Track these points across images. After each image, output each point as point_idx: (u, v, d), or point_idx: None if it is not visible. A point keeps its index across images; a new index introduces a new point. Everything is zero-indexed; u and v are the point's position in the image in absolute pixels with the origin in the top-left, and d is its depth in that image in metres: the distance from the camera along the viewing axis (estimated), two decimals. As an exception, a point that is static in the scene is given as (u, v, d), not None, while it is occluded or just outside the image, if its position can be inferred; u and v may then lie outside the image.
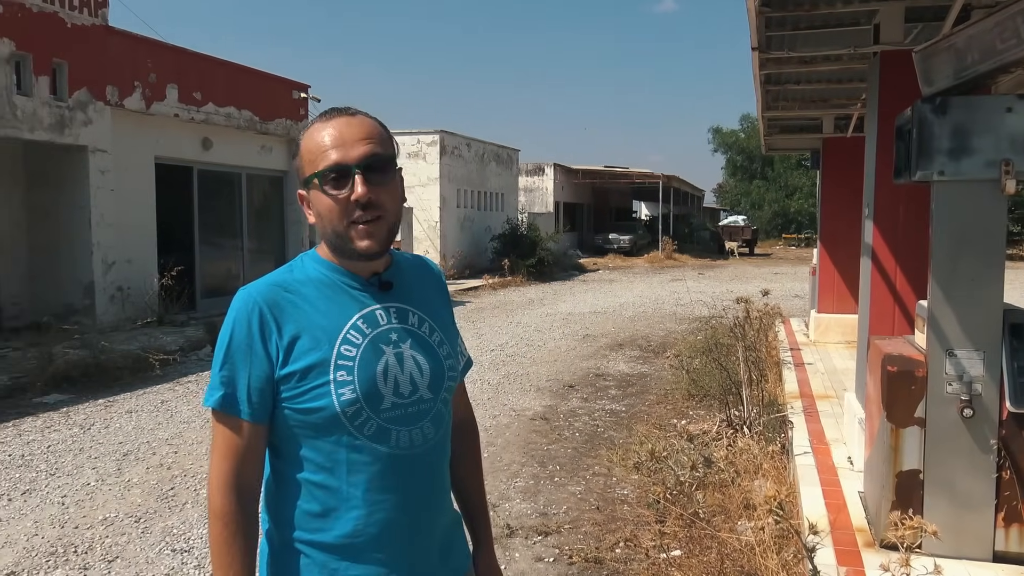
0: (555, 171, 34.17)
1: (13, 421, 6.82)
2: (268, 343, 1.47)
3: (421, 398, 1.54)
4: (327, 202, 1.49)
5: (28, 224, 11.14)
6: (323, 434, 1.48)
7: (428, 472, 1.57)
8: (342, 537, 1.49)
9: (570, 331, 12.72)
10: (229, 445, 1.47)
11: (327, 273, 1.55)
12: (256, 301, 1.49)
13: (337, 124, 1.51)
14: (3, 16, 9.48)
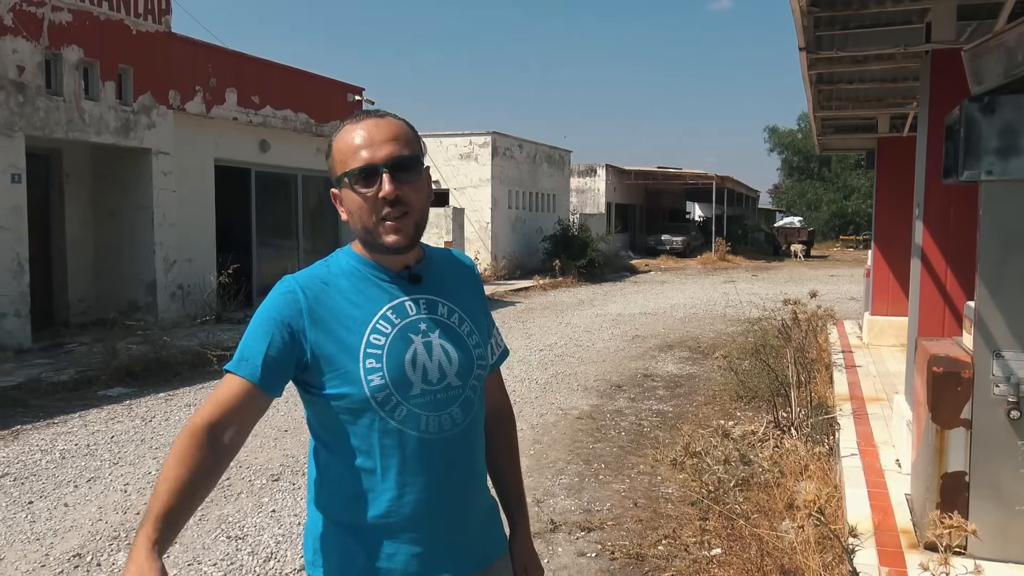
0: (607, 172, 34.07)
1: (79, 412, 7.11)
2: (298, 325, 1.55)
3: (450, 385, 1.62)
4: (357, 200, 1.57)
5: (95, 224, 11.57)
6: (357, 418, 1.56)
7: (458, 455, 1.64)
8: (377, 517, 1.57)
9: (619, 332, 12.72)
10: (221, 397, 1.52)
11: (359, 267, 1.64)
12: (294, 287, 1.58)
13: (366, 125, 1.59)
14: (72, 24, 9.87)
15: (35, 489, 5.18)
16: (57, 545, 4.32)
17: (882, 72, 6.76)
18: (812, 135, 10.81)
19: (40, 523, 4.62)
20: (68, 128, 9.93)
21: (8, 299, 9.19)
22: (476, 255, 22.11)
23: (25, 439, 6.30)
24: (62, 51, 9.76)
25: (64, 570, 4.03)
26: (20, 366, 8.44)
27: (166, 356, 8.66)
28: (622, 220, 37.18)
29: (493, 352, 1.80)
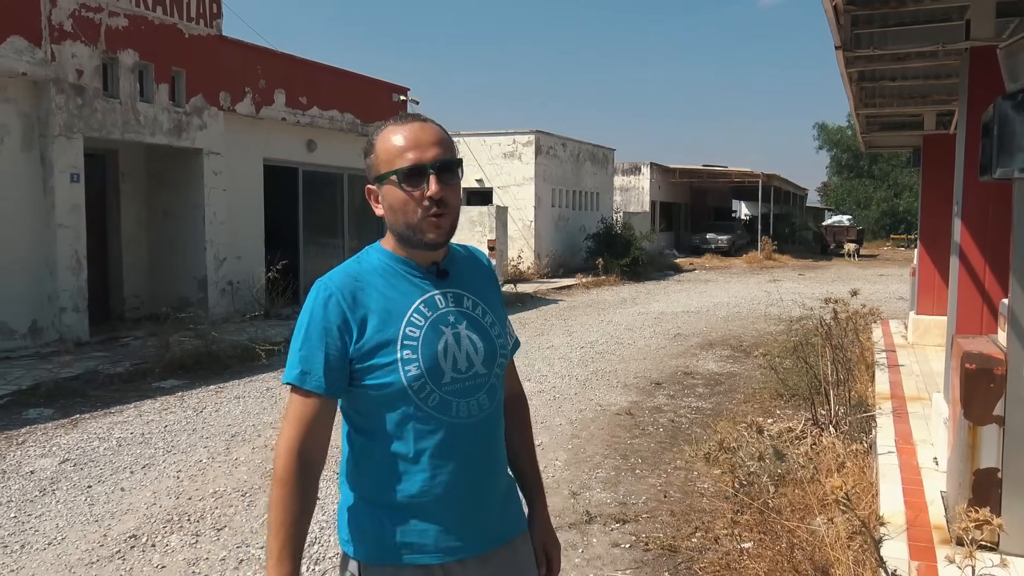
0: (651, 170, 33.94)
1: (134, 403, 7.39)
2: (343, 326, 1.65)
3: (476, 373, 1.73)
4: (403, 197, 1.67)
5: (149, 222, 11.94)
6: (394, 406, 1.67)
7: (485, 438, 1.76)
8: (410, 497, 1.68)
9: (661, 330, 12.73)
10: (301, 415, 1.65)
11: (391, 263, 1.74)
12: (332, 290, 1.68)
13: (412, 128, 1.71)
14: (128, 29, 10.21)
15: (93, 474, 5.43)
16: (114, 527, 4.54)
17: (925, 69, 6.71)
18: (856, 133, 10.68)
19: (98, 506, 4.85)
20: (124, 129, 10.27)
21: (67, 294, 9.55)
22: (519, 253, 22.24)
23: (84, 427, 6.58)
24: (118, 55, 10.11)
25: (121, 550, 4.24)
26: (79, 358, 8.79)
27: (216, 350, 8.93)
28: (667, 219, 36.99)
29: (509, 340, 1.90)
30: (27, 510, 4.77)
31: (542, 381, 8.63)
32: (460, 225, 9.72)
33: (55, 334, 9.45)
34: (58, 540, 4.36)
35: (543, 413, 7.22)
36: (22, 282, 9.24)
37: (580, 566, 4.12)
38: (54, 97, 9.37)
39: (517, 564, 1.85)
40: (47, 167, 9.40)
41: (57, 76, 9.38)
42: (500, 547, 1.80)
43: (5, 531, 4.46)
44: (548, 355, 10.27)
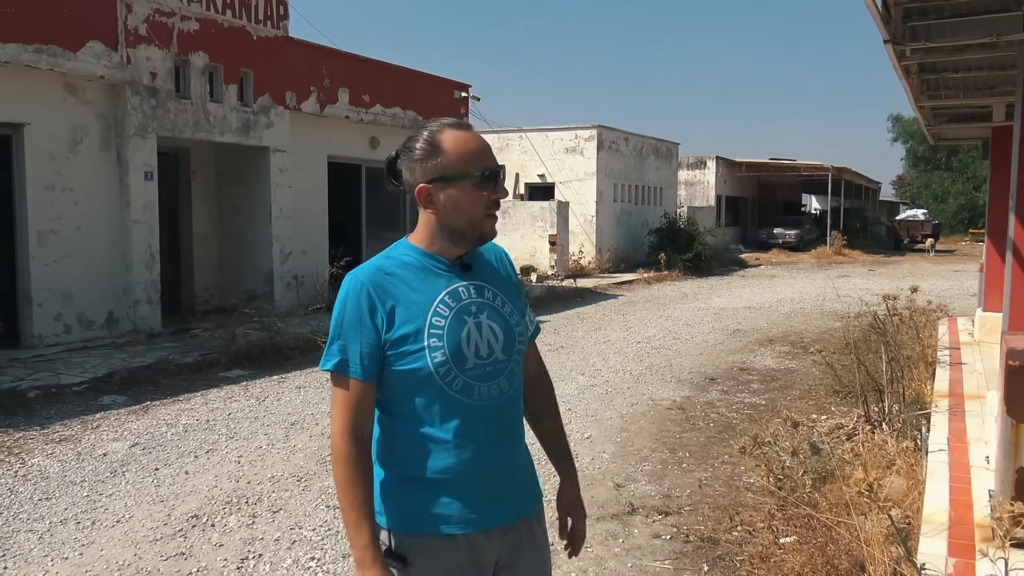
0: (717, 164, 33.50)
1: (201, 392, 7.71)
2: (375, 316, 1.80)
3: (497, 359, 1.87)
4: (475, 197, 1.84)
5: (219, 218, 12.38)
6: (421, 390, 1.82)
7: (504, 419, 1.91)
8: (436, 472, 1.83)
9: (720, 326, 12.63)
10: (346, 401, 1.82)
11: (419, 258, 1.88)
12: (363, 283, 1.82)
13: (476, 136, 1.87)
14: (199, 32, 10.60)
15: (161, 458, 5.72)
16: (178, 507, 4.79)
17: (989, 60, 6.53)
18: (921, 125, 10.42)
19: (164, 487, 5.12)
20: (195, 129, 10.68)
21: (141, 287, 10.00)
22: (580, 248, 22.24)
23: (154, 414, 6.91)
24: (190, 57, 10.51)
25: (183, 528, 4.48)
26: (151, 348, 9.20)
27: (280, 341, 9.24)
28: (733, 213, 36.46)
29: (529, 326, 2.06)
30: (99, 490, 5.07)
31: (595, 375, 8.69)
32: (521, 220, 10.10)
33: (130, 325, 9.90)
34: (126, 518, 4.63)
35: (594, 407, 7.29)
36: (100, 275, 9.71)
37: (619, 555, 4.19)
38: (129, 99, 9.80)
39: (534, 539, 2.00)
40: (123, 166, 9.85)
41: (132, 79, 9.81)
42: (519, 522, 1.95)
43: (78, 509, 4.75)
44: (604, 350, 10.31)
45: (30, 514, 4.66)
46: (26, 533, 4.40)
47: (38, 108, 9.03)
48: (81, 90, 9.50)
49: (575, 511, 2.15)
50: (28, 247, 8.99)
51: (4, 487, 5.08)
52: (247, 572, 3.96)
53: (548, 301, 15.28)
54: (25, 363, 8.30)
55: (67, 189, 9.32)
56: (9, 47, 8.53)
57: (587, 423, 6.74)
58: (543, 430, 2.15)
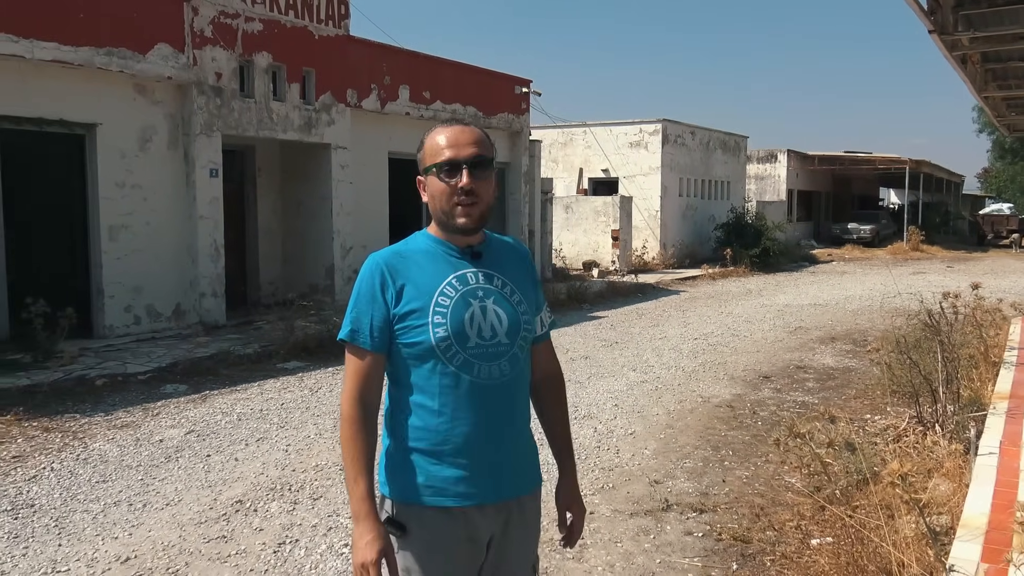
0: (789, 157, 32.75)
1: (258, 381, 7.96)
2: (386, 293, 1.98)
3: (500, 342, 2.01)
4: (440, 187, 1.99)
5: (283, 213, 12.71)
6: (423, 362, 1.97)
7: (504, 400, 2.03)
8: (434, 444, 1.98)
9: (782, 323, 12.39)
10: (356, 368, 2.00)
11: (433, 245, 2.06)
12: (379, 263, 2.02)
13: (453, 130, 2.02)
14: (262, 33, 10.90)
15: (213, 445, 5.93)
16: (224, 492, 4.97)
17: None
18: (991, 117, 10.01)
19: (214, 473, 5.31)
20: (259, 127, 10.98)
21: (206, 281, 10.35)
22: (644, 243, 22.06)
23: (211, 402, 7.16)
24: (253, 57, 10.81)
25: (227, 513, 4.65)
26: (214, 340, 9.52)
27: (335, 334, 9.43)
28: (805, 208, 35.61)
29: (543, 323, 2.20)
30: (152, 474, 5.29)
31: (647, 372, 8.64)
32: (583, 215, 10.11)
33: (195, 317, 10.27)
34: (175, 501, 4.83)
35: (642, 403, 7.26)
36: (168, 269, 10.09)
37: (649, 551, 4.19)
38: (196, 98, 10.14)
39: (524, 518, 2.12)
40: (189, 163, 10.21)
41: (199, 79, 10.15)
42: (513, 500, 2.07)
43: (132, 491, 4.97)
44: (659, 346, 10.23)
45: (87, 495, 4.90)
46: (81, 513, 4.63)
47: (110, 109, 9.43)
48: (150, 91, 9.87)
49: (574, 506, 2.25)
50: (100, 242, 9.41)
51: (66, 469, 5.35)
52: (283, 556, 4.09)
53: (607, 296, 15.22)
54: (96, 352, 8.69)
55: (137, 186, 9.71)
56: (82, 50, 8.93)
57: (632, 419, 6.72)
58: (550, 426, 2.27)
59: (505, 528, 2.06)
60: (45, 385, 7.29)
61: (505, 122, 15.88)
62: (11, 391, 7.05)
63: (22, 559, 4.04)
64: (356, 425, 1.97)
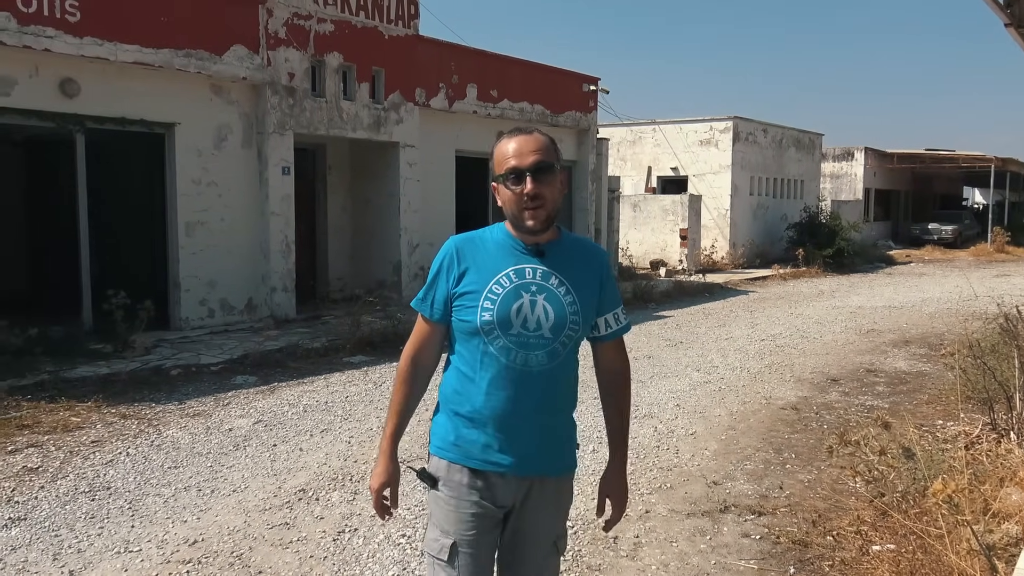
0: (866, 156, 31.86)
1: (324, 375, 8.14)
2: (451, 273, 2.27)
3: (543, 335, 2.22)
4: (508, 194, 2.24)
5: (352, 211, 12.96)
6: (471, 338, 2.24)
7: (537, 386, 2.24)
8: (470, 411, 2.25)
9: (854, 325, 12.09)
10: (418, 332, 2.36)
11: (505, 238, 2.30)
12: (452, 246, 2.30)
13: (517, 140, 2.24)
14: (334, 33, 11.13)
15: (279, 435, 6.10)
16: (288, 481, 5.11)
17: None
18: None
19: (279, 462, 5.47)
20: (329, 126, 11.22)
21: (277, 276, 10.63)
22: (713, 243, 21.76)
23: (279, 394, 7.37)
24: (325, 58, 11.05)
25: (290, 501, 4.78)
26: (284, 333, 9.78)
27: (400, 330, 9.58)
28: (883, 207, 34.60)
29: (609, 324, 2.37)
30: (221, 461, 5.47)
31: (711, 372, 8.54)
32: (652, 213, 10.11)
33: (267, 311, 10.55)
34: (241, 488, 4.99)
35: (704, 403, 7.18)
36: (241, 264, 10.40)
37: (704, 552, 4.15)
38: (269, 98, 10.42)
39: (545, 498, 2.31)
40: (262, 161, 10.50)
41: (272, 79, 10.43)
42: (536, 477, 2.28)
43: (201, 478, 5.15)
44: (724, 347, 10.10)
45: (159, 480, 5.10)
46: (154, 497, 4.82)
47: (188, 108, 9.77)
48: (226, 91, 10.19)
49: (614, 495, 2.44)
50: (177, 237, 9.75)
51: (140, 455, 5.57)
52: (342, 544, 4.20)
53: (674, 296, 15.07)
54: (172, 343, 9.02)
55: (212, 183, 10.03)
56: (163, 52, 9.27)
57: (694, 419, 6.66)
58: (608, 418, 2.45)
59: (524, 502, 2.28)
60: (123, 374, 7.60)
61: (572, 120, 15.86)
62: (92, 379, 7.38)
63: (97, 538, 4.23)
64: (403, 376, 2.33)
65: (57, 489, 4.90)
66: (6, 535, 4.24)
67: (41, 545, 4.13)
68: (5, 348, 7.57)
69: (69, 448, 5.67)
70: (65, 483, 5.01)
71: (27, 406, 6.52)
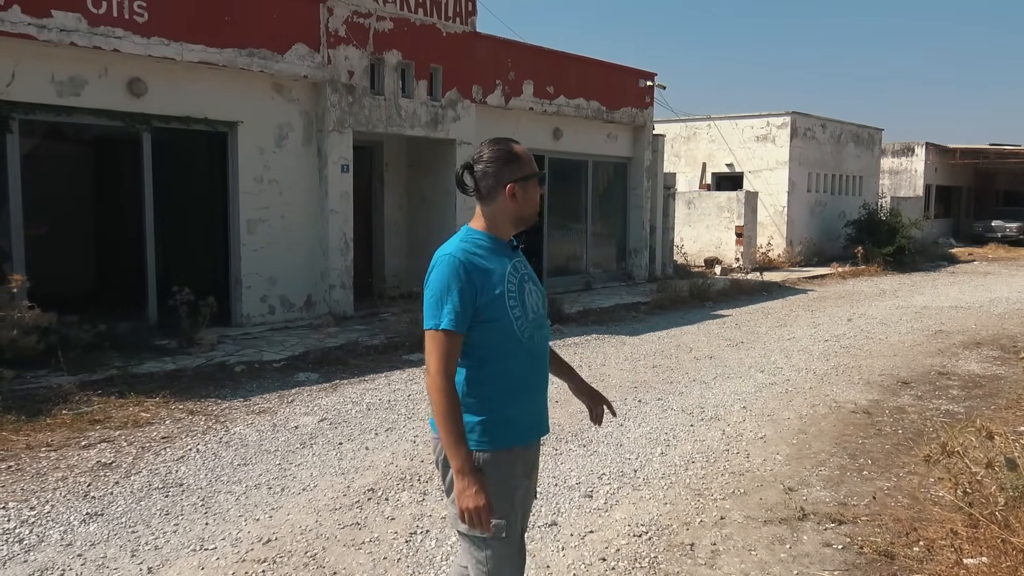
0: (927, 151, 31.01)
1: (385, 372, 8.15)
2: (472, 287, 2.42)
3: (540, 314, 2.60)
4: (531, 193, 2.57)
5: (408, 208, 12.99)
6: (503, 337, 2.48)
7: (545, 358, 2.67)
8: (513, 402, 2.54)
9: (920, 326, 11.75)
10: (449, 350, 2.42)
11: (489, 242, 2.53)
12: (461, 261, 2.43)
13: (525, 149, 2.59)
14: (393, 31, 11.14)
15: (345, 433, 6.11)
16: (357, 480, 5.11)
17: None
18: None
19: (346, 461, 5.47)
20: (387, 123, 11.25)
21: (336, 273, 10.69)
22: (769, 240, 21.39)
23: (341, 392, 7.39)
24: (384, 55, 11.07)
25: (360, 500, 4.77)
26: (343, 331, 9.82)
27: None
28: (944, 204, 33.67)
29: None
30: (289, 459, 5.50)
31: (776, 373, 8.35)
32: (706, 210, 10.05)
33: (325, 308, 10.62)
34: (311, 487, 4.99)
35: (771, 406, 7.02)
36: (300, 261, 10.48)
37: (785, 561, 4.03)
38: (329, 96, 10.48)
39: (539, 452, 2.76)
40: (322, 159, 10.56)
41: (332, 77, 10.48)
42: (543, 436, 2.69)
43: (271, 475, 5.18)
44: (787, 347, 9.88)
45: (230, 477, 5.13)
46: (225, 494, 4.85)
47: (250, 107, 9.86)
48: (287, 89, 10.27)
49: (591, 395, 2.90)
50: (239, 234, 9.86)
51: (210, 451, 5.62)
52: (415, 546, 4.17)
53: (731, 295, 14.82)
54: (234, 340, 9.12)
55: (273, 181, 10.12)
56: (227, 52, 9.37)
57: (762, 423, 6.50)
58: (557, 363, 2.89)
59: (536, 459, 2.69)
60: (189, 370, 7.70)
61: (628, 116, 15.69)
62: (159, 374, 7.49)
63: (173, 535, 4.27)
64: (454, 398, 2.37)
65: (131, 485, 4.96)
66: (85, 530, 4.30)
67: (119, 541, 4.18)
68: (75, 343, 7.71)
69: (140, 444, 5.75)
70: (139, 479, 5.07)
71: (98, 401, 6.64)
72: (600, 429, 6.21)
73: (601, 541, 4.25)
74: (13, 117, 8.10)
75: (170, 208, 9.67)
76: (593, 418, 2.91)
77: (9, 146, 8.13)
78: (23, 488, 4.86)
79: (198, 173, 10.36)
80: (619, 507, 4.72)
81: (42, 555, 4.00)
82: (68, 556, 3.99)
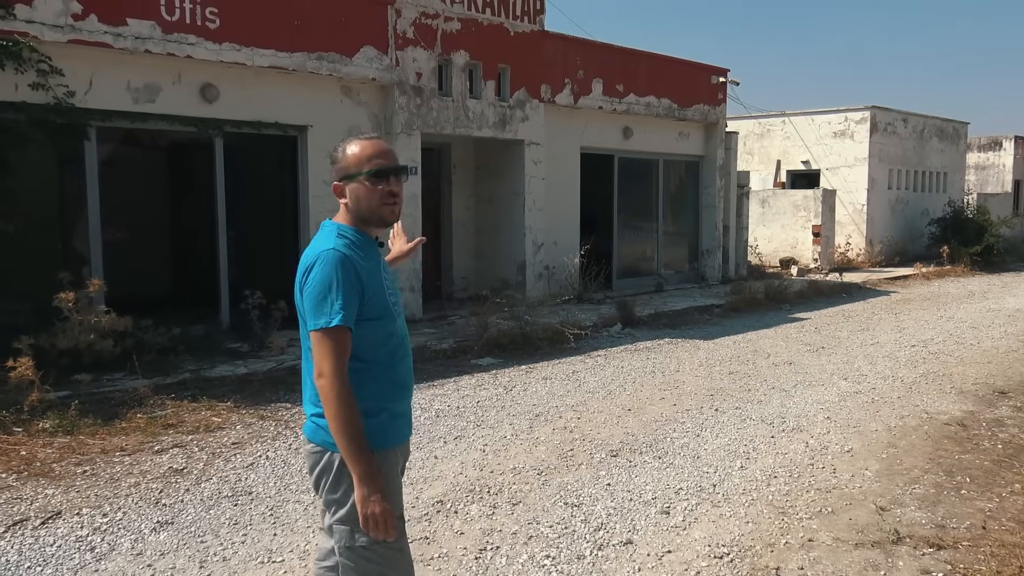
0: (1016, 145, 29.60)
1: (454, 378, 8.04)
2: (358, 282, 2.40)
3: (401, 304, 2.62)
4: (366, 190, 2.46)
5: (476, 209, 12.90)
6: (383, 332, 2.48)
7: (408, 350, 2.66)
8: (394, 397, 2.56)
9: (1015, 330, 11.12)
10: (343, 348, 2.35)
11: (361, 238, 2.51)
12: (346, 256, 2.39)
13: (376, 143, 2.51)
14: (460, 32, 11.05)
15: (413, 441, 5.94)
16: (425, 491, 4.99)
17: None
18: None
19: (414, 470, 5.35)
20: (455, 125, 11.16)
21: (405, 275, 10.64)
22: (847, 240, 20.68)
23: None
24: (451, 56, 10.99)
25: (428, 512, 4.65)
26: (412, 334, 9.72)
27: (529, 331, 9.41)
28: (1033, 200, 32.09)
29: None
30: (357, 468, 5.40)
31: (860, 381, 7.96)
32: (781, 209, 9.74)
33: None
34: (378, 497, 4.88)
35: (857, 417, 6.67)
36: (369, 264, 10.45)
37: (880, 590, 3.75)
38: (397, 98, 10.44)
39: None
40: (391, 161, 10.51)
41: (400, 79, 10.44)
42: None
43: (338, 484, 5.09)
44: (871, 353, 9.44)
45: (298, 486, 5.07)
46: (294, 504, 4.78)
47: (319, 110, 9.88)
48: (356, 92, 10.27)
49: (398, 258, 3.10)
50: (309, 237, 9.85)
51: (280, 458, 5.58)
52: (484, 563, 4.02)
53: (809, 296, 14.33)
54: (305, 343, 9.13)
55: (342, 184, 10.12)
56: (296, 56, 9.41)
57: (848, 435, 6.17)
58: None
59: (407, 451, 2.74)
60: (260, 374, 7.73)
61: (700, 114, 15.31)
62: (231, 378, 7.53)
63: (241, 546, 4.21)
64: (352, 400, 2.31)
65: (201, 492, 4.94)
66: (155, 539, 4.27)
67: (188, 551, 4.14)
68: (151, 347, 7.81)
69: (211, 449, 5.75)
70: (209, 486, 5.05)
71: (171, 405, 6.68)
72: (676, 440, 5.98)
73: (680, 562, 4.03)
74: (91, 124, 8.26)
75: (242, 212, 9.75)
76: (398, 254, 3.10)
77: (87, 153, 8.29)
78: (97, 494, 4.88)
79: (269, 177, 10.45)
80: (698, 525, 4.49)
81: (112, 564, 3.98)
82: (138, 566, 3.96)
